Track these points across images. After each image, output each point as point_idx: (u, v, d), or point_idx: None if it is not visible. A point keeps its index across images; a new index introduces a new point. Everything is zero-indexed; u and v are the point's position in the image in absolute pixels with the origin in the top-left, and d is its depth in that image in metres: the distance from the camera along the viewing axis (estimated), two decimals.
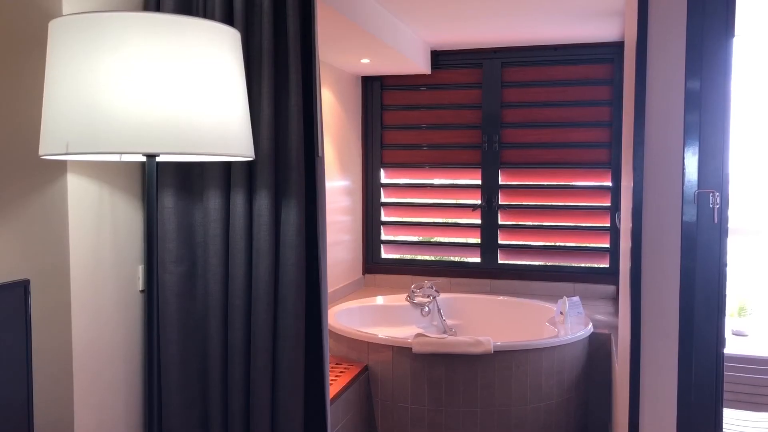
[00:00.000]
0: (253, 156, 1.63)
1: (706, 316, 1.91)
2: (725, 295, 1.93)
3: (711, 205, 1.88)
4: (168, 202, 1.99)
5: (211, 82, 1.51)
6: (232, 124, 1.54)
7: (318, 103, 1.95)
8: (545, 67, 4.43)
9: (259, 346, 1.97)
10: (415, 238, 4.80)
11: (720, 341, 1.92)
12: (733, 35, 1.91)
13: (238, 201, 1.96)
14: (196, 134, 1.47)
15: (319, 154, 1.97)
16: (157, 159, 1.77)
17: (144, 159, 1.79)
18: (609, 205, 4.37)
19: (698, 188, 1.89)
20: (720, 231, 1.89)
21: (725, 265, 1.91)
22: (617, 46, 4.27)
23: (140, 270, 2.05)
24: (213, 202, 1.99)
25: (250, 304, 2.00)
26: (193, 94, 1.47)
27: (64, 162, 1.78)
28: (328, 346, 2.01)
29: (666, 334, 1.96)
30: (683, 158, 1.90)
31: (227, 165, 2.00)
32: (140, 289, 2.06)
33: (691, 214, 1.90)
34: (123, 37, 1.42)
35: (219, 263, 2.00)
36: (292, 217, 1.96)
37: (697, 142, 1.89)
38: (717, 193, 1.87)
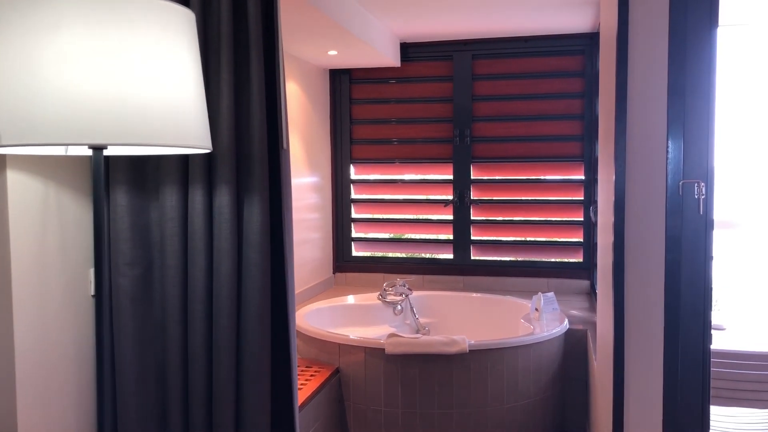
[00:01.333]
0: (211, 148, 1.50)
1: (692, 311, 1.83)
2: (711, 290, 1.85)
3: (696, 196, 1.80)
4: (121, 199, 1.84)
5: (163, 66, 1.37)
6: (187, 113, 1.41)
7: (282, 92, 1.82)
8: (516, 59, 4.35)
9: (222, 354, 1.83)
10: (386, 235, 4.69)
11: (706, 337, 1.84)
12: (716, 25, 1.84)
13: (197, 198, 1.82)
14: (147, 124, 1.34)
15: (284, 147, 1.84)
16: (106, 152, 1.63)
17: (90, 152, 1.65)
18: (582, 199, 4.31)
19: (683, 178, 1.80)
20: (706, 222, 1.81)
21: (711, 257, 1.84)
22: (588, 37, 4.21)
23: (92, 273, 1.90)
24: (170, 199, 1.84)
25: (212, 309, 1.86)
26: (142, 80, 1.33)
27: (3, 156, 1.63)
28: (296, 351, 1.88)
29: (651, 330, 1.87)
30: (667, 148, 1.82)
31: (185, 159, 1.86)
32: (92, 293, 1.91)
33: (675, 205, 1.82)
34: (63, 15, 1.28)
35: (177, 265, 1.86)
36: (255, 214, 1.82)
37: (681, 132, 1.81)
38: (702, 184, 1.79)
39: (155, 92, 1.35)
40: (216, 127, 1.81)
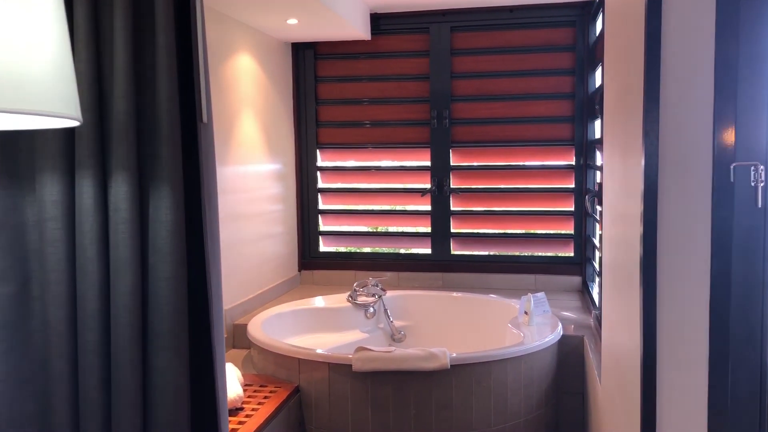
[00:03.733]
0: (78, 117, 1.03)
1: (747, 333, 1.40)
2: None
3: (753, 183, 1.36)
4: None
5: None
6: (32, 64, 0.94)
7: (199, 46, 1.34)
8: (500, 31, 3.90)
9: (123, 399, 1.36)
10: (358, 228, 4.23)
11: (765, 366, 1.42)
12: None
13: (86, 189, 1.34)
14: None
15: (203, 120, 1.36)
16: None
17: None
18: (572, 186, 3.89)
19: (736, 160, 1.37)
20: (765, 216, 1.38)
21: None
22: (580, 7, 3.77)
23: None
24: (50, 191, 1.36)
25: (109, 339, 1.39)
26: None
27: None
28: (226, 390, 1.42)
29: (692, 357, 1.44)
30: (714, 122, 1.38)
31: (70, 136, 1.38)
32: None
33: (725, 194, 1.38)
34: None
35: (62, 280, 1.38)
36: (163, 210, 1.35)
37: (733, 104, 1.37)
38: (762, 167, 1.36)
39: None
40: (108, 92, 1.33)
